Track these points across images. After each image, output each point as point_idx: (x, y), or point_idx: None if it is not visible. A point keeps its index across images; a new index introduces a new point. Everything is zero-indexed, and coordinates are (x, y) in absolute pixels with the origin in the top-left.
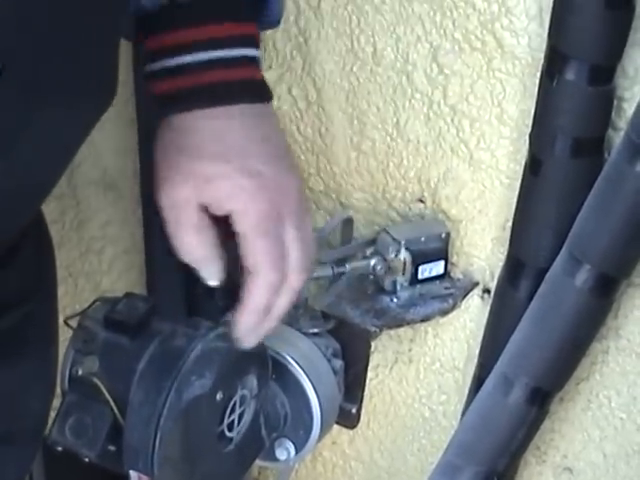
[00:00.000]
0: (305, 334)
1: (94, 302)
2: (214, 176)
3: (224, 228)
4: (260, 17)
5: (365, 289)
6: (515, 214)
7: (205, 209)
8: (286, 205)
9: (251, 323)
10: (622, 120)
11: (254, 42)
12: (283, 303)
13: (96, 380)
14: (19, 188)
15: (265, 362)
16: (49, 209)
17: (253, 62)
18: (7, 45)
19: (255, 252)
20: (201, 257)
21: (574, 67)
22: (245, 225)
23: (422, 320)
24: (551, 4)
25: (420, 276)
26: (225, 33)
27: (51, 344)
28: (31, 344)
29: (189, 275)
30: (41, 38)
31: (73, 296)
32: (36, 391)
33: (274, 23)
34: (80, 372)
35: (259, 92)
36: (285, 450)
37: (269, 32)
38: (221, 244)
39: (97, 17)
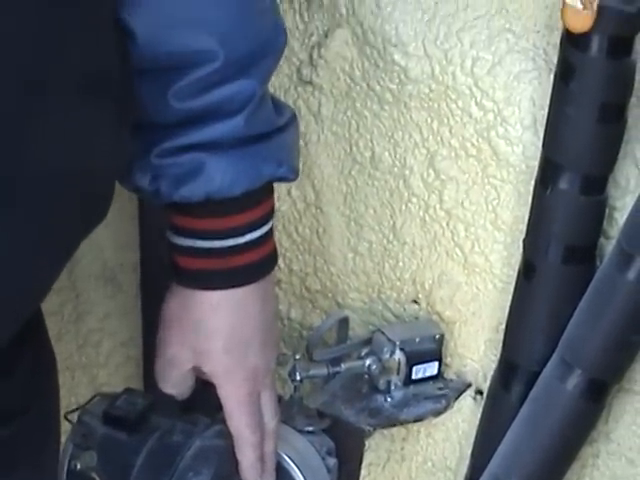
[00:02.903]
0: (300, 432)
1: (93, 397)
2: (214, 359)
3: None
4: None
5: (360, 388)
6: (508, 317)
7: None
8: (266, 379)
9: (255, 474)
10: (614, 229)
11: (272, 214)
12: (270, 447)
13: (94, 475)
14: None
15: None
16: (49, 301)
17: (270, 234)
18: None
19: (238, 424)
20: (172, 393)
21: (567, 177)
22: (230, 401)
23: (415, 420)
24: (545, 115)
25: (414, 376)
26: (255, 217)
27: (47, 455)
28: (24, 455)
29: None
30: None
31: (69, 389)
32: None
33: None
34: (78, 466)
35: (275, 259)
36: None
37: None
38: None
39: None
